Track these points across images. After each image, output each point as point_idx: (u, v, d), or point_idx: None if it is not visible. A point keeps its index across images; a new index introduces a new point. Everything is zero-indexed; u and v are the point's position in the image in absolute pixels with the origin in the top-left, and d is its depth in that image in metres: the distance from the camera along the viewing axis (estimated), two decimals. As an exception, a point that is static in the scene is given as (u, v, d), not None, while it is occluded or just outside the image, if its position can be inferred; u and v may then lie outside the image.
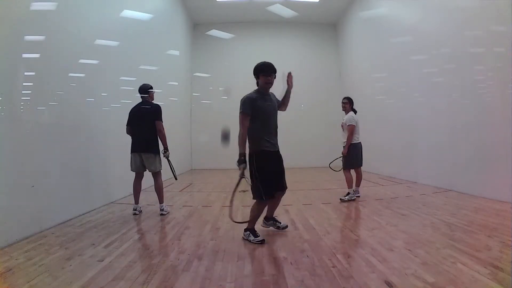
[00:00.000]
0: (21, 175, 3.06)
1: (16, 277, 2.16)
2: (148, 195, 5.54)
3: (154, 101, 4.41)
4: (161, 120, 4.17)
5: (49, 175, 3.45)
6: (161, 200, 4.16)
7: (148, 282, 2.08)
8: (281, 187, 3.10)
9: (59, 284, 2.06)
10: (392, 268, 2.23)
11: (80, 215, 3.88)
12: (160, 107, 4.25)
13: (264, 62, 3.02)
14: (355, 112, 4.95)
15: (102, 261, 2.44)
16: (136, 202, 4.18)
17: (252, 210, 3.05)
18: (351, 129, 4.80)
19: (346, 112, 4.98)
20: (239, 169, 2.87)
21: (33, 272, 2.23)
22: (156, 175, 4.16)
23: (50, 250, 2.67)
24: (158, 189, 4.17)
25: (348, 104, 5.00)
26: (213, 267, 2.35)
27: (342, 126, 5.02)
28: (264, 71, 2.97)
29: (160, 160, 4.17)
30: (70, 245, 2.83)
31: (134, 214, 4.05)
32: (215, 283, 2.08)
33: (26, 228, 3.03)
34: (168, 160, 4.20)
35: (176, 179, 4.44)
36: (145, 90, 4.26)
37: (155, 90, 4.37)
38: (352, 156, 4.83)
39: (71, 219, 3.70)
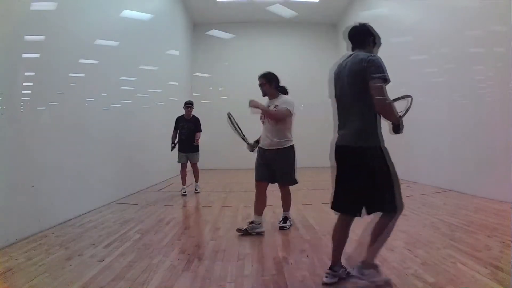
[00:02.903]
0: (21, 175, 3.06)
1: (16, 277, 2.16)
2: (148, 195, 5.55)
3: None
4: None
5: (49, 175, 3.45)
6: (197, 180, 5.77)
7: (148, 282, 2.08)
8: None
9: (59, 284, 2.06)
10: (392, 268, 2.23)
11: (80, 215, 3.88)
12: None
13: None
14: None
15: (102, 261, 2.44)
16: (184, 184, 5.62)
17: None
18: (287, 114, 3.14)
19: (271, 96, 3.27)
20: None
21: (33, 272, 2.23)
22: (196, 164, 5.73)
23: (50, 250, 2.67)
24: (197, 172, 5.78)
25: (267, 85, 3.23)
26: (213, 267, 2.35)
27: (263, 117, 3.25)
28: None
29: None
30: (70, 245, 2.83)
31: (183, 195, 5.45)
32: (215, 283, 2.08)
33: (26, 228, 3.03)
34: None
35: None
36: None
37: (156, 90, 4.50)
38: (295, 163, 3.30)
39: (71, 219, 3.70)
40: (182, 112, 5.63)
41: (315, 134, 11.00)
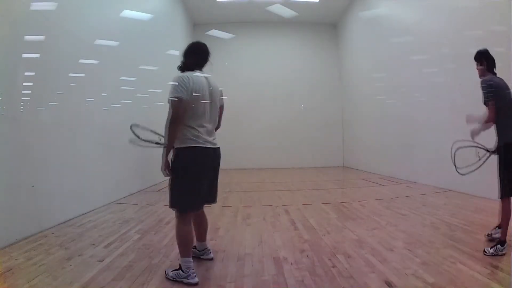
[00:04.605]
0: (21, 175, 3.06)
1: (16, 277, 2.16)
2: (148, 195, 5.56)
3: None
4: None
5: (49, 175, 3.45)
6: None
7: (148, 282, 2.08)
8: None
9: (59, 284, 2.06)
10: (392, 268, 2.23)
11: (80, 215, 3.88)
12: None
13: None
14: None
15: (102, 261, 2.44)
16: None
17: None
18: (173, 109, 2.26)
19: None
20: None
21: (33, 272, 2.23)
22: None
23: (50, 250, 2.67)
24: None
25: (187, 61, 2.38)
26: (213, 267, 2.35)
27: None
28: None
29: None
30: (70, 245, 2.83)
31: None
32: (215, 283, 2.08)
33: (26, 228, 3.03)
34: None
35: None
36: None
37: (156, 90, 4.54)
38: (184, 172, 2.35)
39: (71, 219, 3.70)
40: None
41: (314, 134, 11.03)
